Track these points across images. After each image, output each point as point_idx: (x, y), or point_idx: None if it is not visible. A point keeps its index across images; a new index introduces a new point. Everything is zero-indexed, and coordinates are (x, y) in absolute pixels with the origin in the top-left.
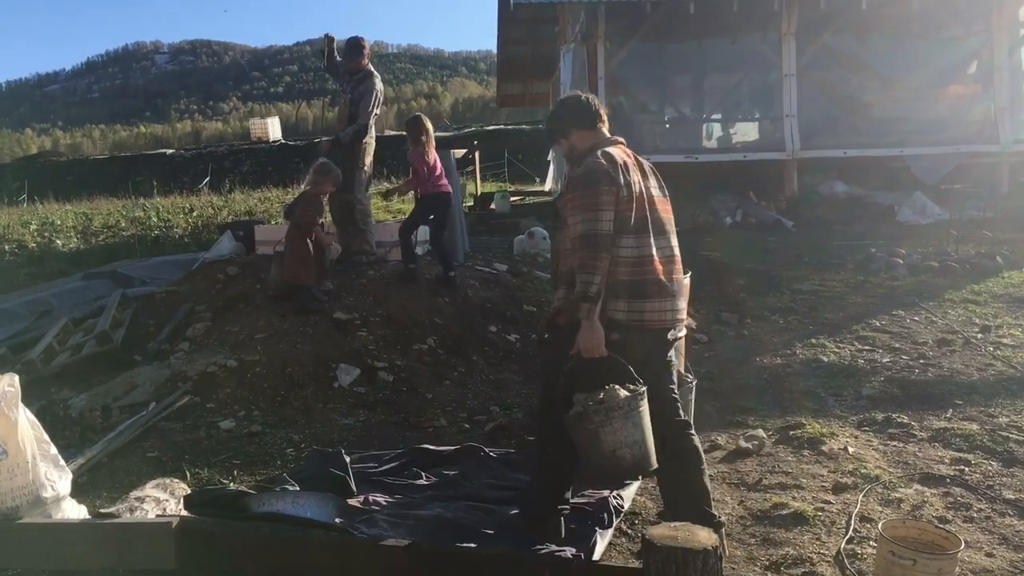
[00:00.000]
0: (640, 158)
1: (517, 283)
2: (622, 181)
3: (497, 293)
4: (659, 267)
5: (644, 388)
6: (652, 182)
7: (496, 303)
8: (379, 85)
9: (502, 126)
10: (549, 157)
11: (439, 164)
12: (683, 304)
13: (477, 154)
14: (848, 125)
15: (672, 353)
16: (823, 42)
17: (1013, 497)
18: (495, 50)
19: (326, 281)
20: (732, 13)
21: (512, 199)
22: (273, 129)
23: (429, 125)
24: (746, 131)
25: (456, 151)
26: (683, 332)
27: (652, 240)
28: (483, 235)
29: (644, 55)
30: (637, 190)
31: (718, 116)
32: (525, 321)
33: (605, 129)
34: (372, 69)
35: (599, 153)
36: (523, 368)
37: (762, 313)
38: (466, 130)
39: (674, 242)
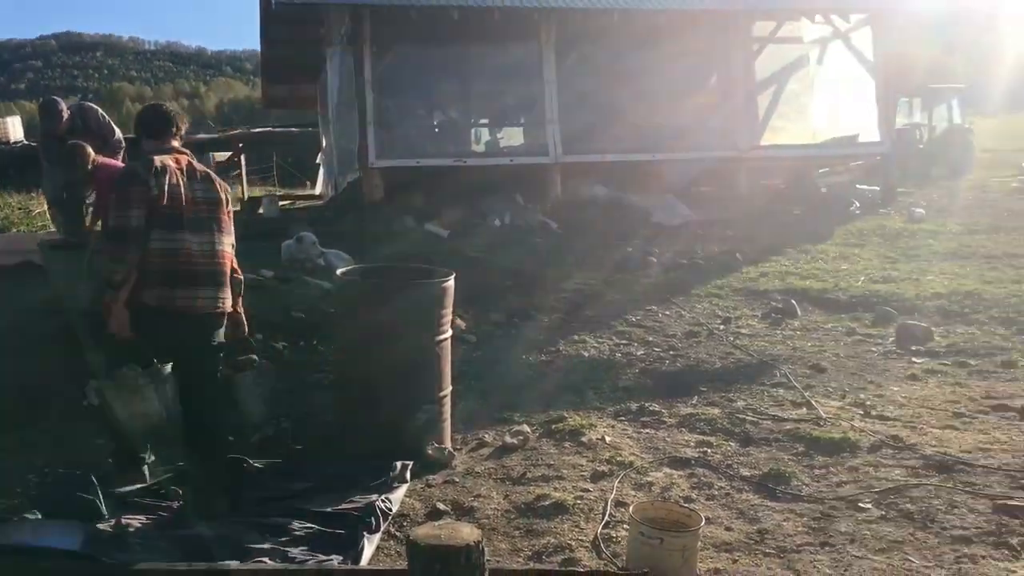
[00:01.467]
0: (199, 166)
1: (285, 289)
2: (153, 182)
3: (263, 300)
4: (195, 260)
5: (160, 368)
6: (200, 187)
7: (262, 310)
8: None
9: (271, 128)
10: (318, 160)
11: None
12: (223, 294)
13: (243, 157)
14: (606, 132)
15: (217, 336)
16: (581, 52)
17: (749, 474)
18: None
19: None
20: (495, 21)
21: (281, 203)
22: (15, 129)
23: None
24: (513, 136)
25: (219, 154)
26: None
27: (188, 236)
28: (249, 240)
29: (412, 60)
30: (172, 191)
31: (486, 121)
32: (293, 328)
33: (174, 141)
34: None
35: (142, 158)
36: (291, 376)
37: (528, 312)
38: (231, 132)
39: (220, 240)
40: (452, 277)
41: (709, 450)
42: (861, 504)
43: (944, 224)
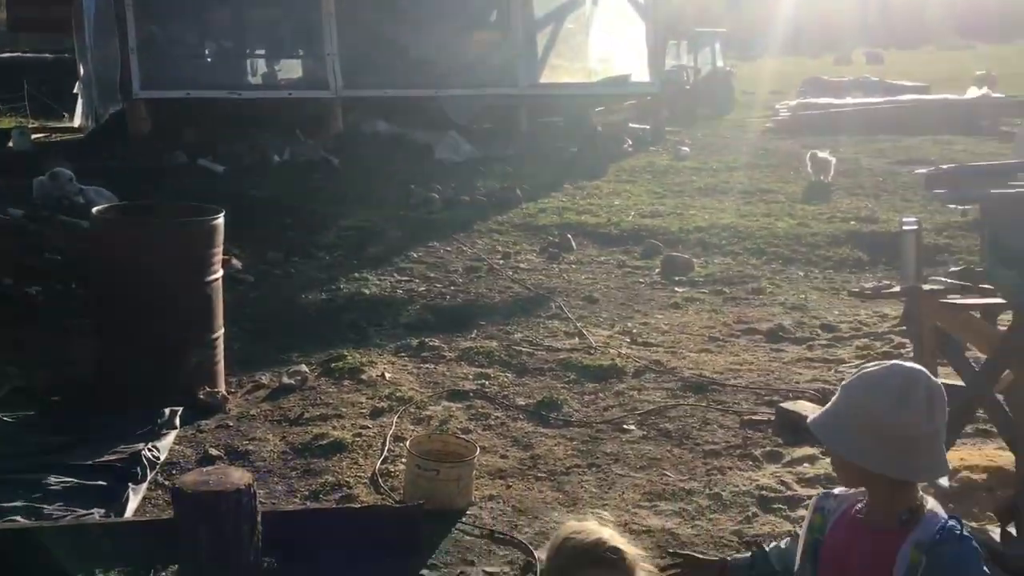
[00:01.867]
0: None
1: (37, 229)
2: None
3: (11, 242)
4: None
5: None
6: None
7: (10, 253)
8: None
9: (19, 54)
10: (76, 90)
11: None
12: None
13: None
14: (388, 66)
15: None
16: None
17: (524, 403)
18: None
19: None
20: None
21: (35, 136)
22: None
23: None
24: (291, 68)
25: None
26: None
27: None
28: None
29: None
30: None
31: (262, 52)
32: (48, 271)
33: None
34: None
35: None
36: (48, 323)
37: (309, 250)
38: None
39: None
40: (221, 215)
41: (487, 382)
42: (625, 426)
43: (706, 162)
